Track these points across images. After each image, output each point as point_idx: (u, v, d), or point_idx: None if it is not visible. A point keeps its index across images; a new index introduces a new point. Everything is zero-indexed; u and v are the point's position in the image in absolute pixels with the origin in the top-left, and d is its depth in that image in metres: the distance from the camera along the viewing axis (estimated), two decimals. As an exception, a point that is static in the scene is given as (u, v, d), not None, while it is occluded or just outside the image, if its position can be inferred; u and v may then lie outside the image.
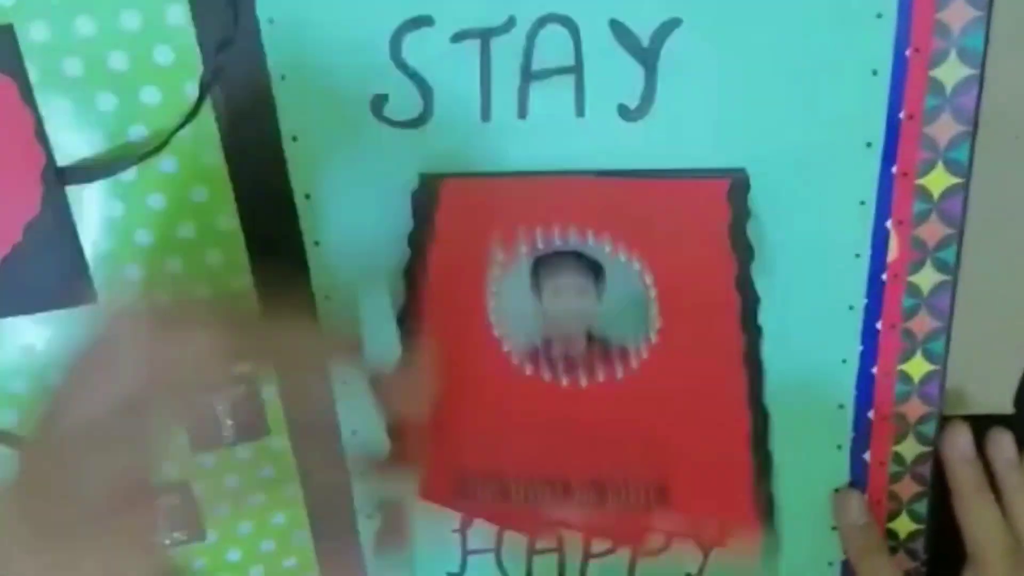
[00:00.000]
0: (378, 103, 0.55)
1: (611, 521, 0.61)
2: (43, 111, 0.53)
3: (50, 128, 0.54)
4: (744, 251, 0.56)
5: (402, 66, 0.54)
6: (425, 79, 0.54)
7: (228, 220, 0.58)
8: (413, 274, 0.59)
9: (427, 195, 0.57)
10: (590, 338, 0.59)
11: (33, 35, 0.52)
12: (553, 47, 0.53)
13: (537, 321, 0.59)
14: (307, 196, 0.58)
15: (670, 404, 0.59)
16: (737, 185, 0.55)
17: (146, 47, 0.53)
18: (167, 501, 0.64)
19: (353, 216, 0.58)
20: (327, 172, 0.57)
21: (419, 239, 0.58)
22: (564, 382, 0.59)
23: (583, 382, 0.59)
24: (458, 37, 0.53)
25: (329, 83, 0.55)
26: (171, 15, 0.52)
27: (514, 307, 0.58)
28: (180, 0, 0.52)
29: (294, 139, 0.56)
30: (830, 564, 0.65)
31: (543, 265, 0.58)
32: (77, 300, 0.58)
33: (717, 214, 0.55)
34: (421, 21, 0.53)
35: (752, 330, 0.58)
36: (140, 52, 0.53)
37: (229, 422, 0.63)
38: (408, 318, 0.60)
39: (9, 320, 0.58)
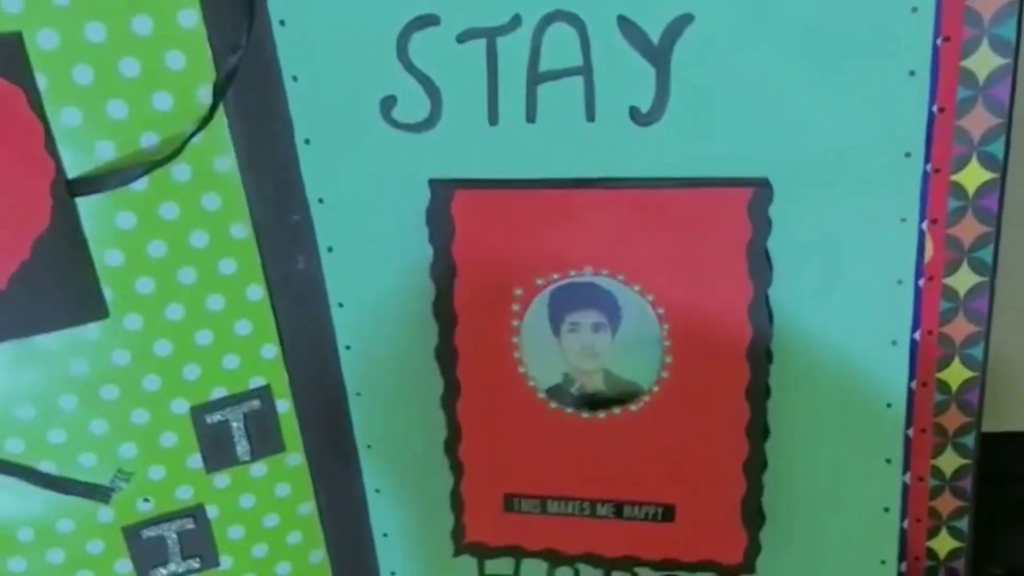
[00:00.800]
0: (387, 105, 0.54)
1: (628, 534, 0.61)
2: (52, 120, 0.52)
3: (59, 138, 0.53)
4: (761, 273, 0.53)
5: (409, 67, 0.53)
6: (432, 80, 0.53)
7: (242, 228, 0.57)
8: (440, 310, 0.58)
9: (441, 218, 0.55)
10: (607, 377, 0.58)
11: (42, 43, 0.51)
12: (560, 47, 0.51)
13: (557, 358, 0.58)
14: (320, 200, 0.57)
15: (679, 433, 0.58)
16: (759, 196, 0.52)
17: (158, 52, 0.52)
18: (181, 526, 0.63)
19: (365, 221, 0.57)
20: (339, 176, 0.56)
21: (441, 273, 0.57)
22: (584, 415, 0.59)
23: (601, 415, 0.59)
24: (464, 36, 0.52)
25: (339, 85, 0.54)
26: (183, 18, 0.52)
27: (535, 344, 0.58)
28: (192, 3, 0.51)
29: (307, 142, 0.55)
30: None
31: (559, 298, 0.57)
32: (88, 317, 0.56)
33: (736, 228, 0.53)
34: (427, 20, 0.51)
35: (758, 363, 0.55)
36: (151, 57, 0.52)
37: (244, 439, 0.61)
38: (443, 357, 0.59)
39: (16, 341, 0.56)
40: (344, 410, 0.62)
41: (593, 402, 0.58)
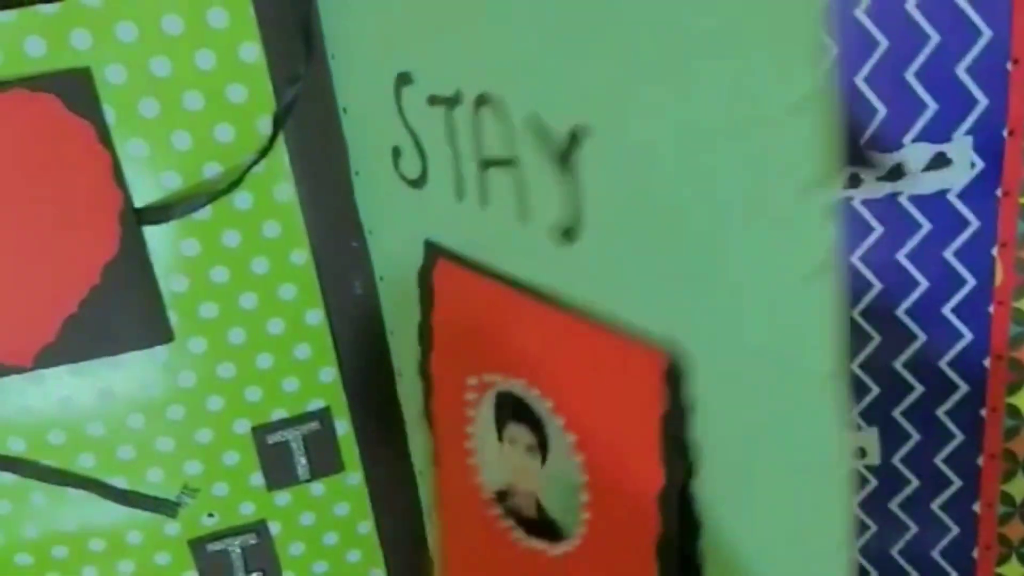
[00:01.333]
0: (396, 156, 0.51)
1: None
2: (120, 152, 0.54)
3: (127, 169, 0.54)
4: (675, 462, 0.37)
5: (404, 120, 0.49)
6: (419, 139, 0.48)
7: (301, 254, 0.58)
8: (424, 373, 0.54)
9: (426, 283, 0.52)
10: (539, 508, 0.48)
11: (110, 77, 0.52)
12: (494, 133, 0.42)
13: (501, 461, 0.49)
14: (370, 232, 0.57)
15: None
16: (675, 368, 0.35)
17: (220, 85, 0.53)
18: (244, 540, 0.64)
19: (404, 258, 0.55)
20: (383, 210, 0.56)
21: (424, 337, 0.53)
22: (517, 536, 0.50)
23: (531, 545, 0.49)
24: (431, 101, 0.46)
25: (373, 124, 0.53)
26: (244, 52, 0.53)
27: (485, 438, 0.50)
28: (253, 37, 0.53)
29: (356, 174, 0.55)
30: None
31: (502, 403, 0.48)
32: (154, 340, 0.58)
33: (648, 395, 0.37)
34: (406, 78, 0.47)
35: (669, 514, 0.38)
36: (214, 90, 0.53)
37: (303, 459, 0.62)
38: (428, 423, 0.55)
39: (87, 363, 0.58)
40: (402, 432, 0.62)
41: (528, 524, 0.49)
